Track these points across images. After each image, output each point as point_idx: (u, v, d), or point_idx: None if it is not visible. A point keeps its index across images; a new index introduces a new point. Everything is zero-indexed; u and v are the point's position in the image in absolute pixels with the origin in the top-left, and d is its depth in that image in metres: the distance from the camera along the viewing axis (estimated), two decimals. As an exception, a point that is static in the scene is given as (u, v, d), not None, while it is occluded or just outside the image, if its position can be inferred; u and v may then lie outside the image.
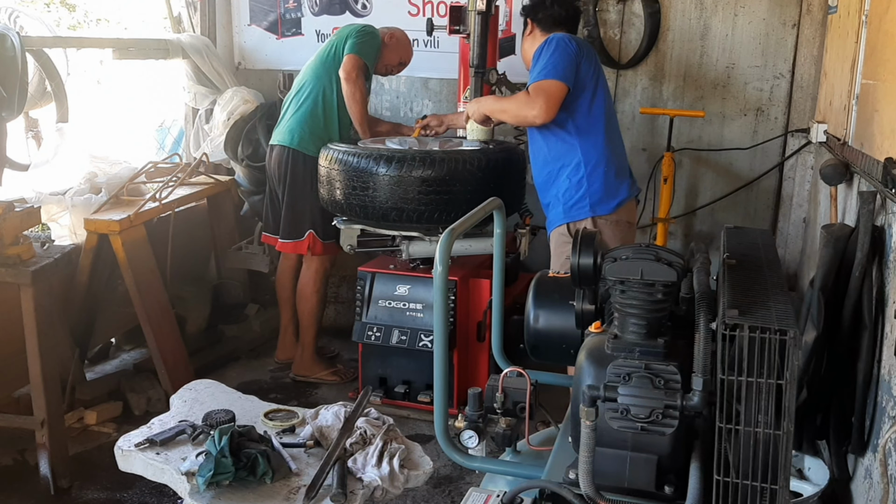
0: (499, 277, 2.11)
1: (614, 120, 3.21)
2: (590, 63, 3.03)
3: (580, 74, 2.98)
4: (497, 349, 2.13)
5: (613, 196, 3.04)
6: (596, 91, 3.04)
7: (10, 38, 3.20)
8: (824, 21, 3.90)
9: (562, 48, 2.94)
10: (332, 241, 3.87)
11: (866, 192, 2.45)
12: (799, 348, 1.28)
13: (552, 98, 2.89)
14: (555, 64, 2.91)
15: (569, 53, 2.94)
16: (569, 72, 2.92)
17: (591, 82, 3.03)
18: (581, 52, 3.00)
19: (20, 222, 2.91)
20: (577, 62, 2.96)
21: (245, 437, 2.00)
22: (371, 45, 3.83)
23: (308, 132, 3.80)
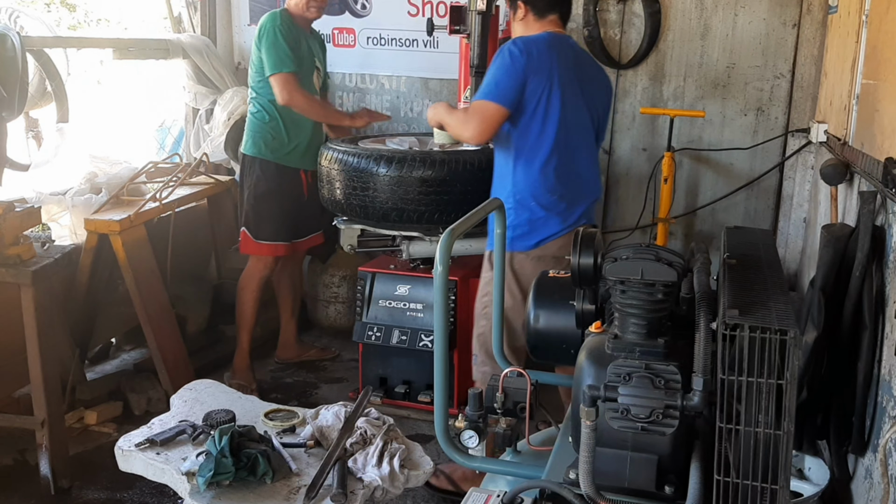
0: (499, 277, 2.11)
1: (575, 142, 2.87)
2: (544, 79, 2.74)
3: (525, 95, 2.73)
4: (497, 349, 2.13)
5: (538, 232, 2.83)
6: (548, 113, 2.76)
7: (10, 38, 3.20)
8: (824, 21, 3.90)
9: (507, 64, 2.72)
10: (268, 241, 3.82)
11: (867, 192, 2.45)
12: (799, 348, 1.28)
13: (486, 121, 2.73)
14: (496, 82, 2.72)
15: (514, 71, 2.71)
16: (509, 93, 2.70)
17: (541, 103, 2.75)
18: (532, 66, 2.72)
19: (20, 222, 2.91)
20: (521, 81, 2.71)
21: (245, 437, 2.00)
22: (276, 41, 3.63)
23: (251, 136, 3.79)
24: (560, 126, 2.78)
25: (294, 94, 3.64)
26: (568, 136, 2.83)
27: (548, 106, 2.76)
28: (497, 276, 2.12)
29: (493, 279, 2.15)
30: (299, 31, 3.74)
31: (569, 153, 2.84)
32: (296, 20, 3.73)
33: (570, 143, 2.83)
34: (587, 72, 2.94)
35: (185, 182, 3.98)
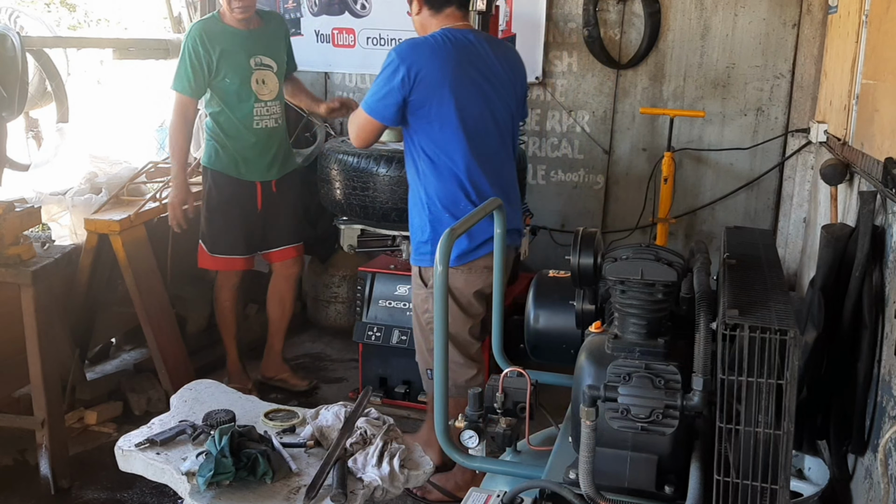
0: (499, 277, 2.11)
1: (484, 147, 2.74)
2: (429, 89, 2.61)
3: (409, 107, 2.64)
4: (497, 349, 2.13)
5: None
6: (444, 122, 2.65)
7: (10, 39, 3.20)
8: (824, 21, 3.90)
9: (384, 74, 2.63)
10: (222, 255, 3.63)
11: (866, 192, 2.45)
12: (799, 348, 1.28)
13: (362, 131, 2.72)
14: (373, 93, 2.66)
15: (390, 84, 2.60)
16: (381, 107, 2.63)
17: (432, 112, 2.64)
18: (411, 79, 2.59)
19: (20, 222, 2.91)
20: (400, 96, 2.61)
21: (245, 437, 2.00)
22: (182, 57, 3.43)
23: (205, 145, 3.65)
24: (463, 133, 2.68)
25: (173, 117, 3.48)
26: (474, 142, 2.71)
27: (441, 115, 2.65)
28: (497, 277, 2.12)
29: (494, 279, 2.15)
30: (226, 38, 3.46)
31: (480, 160, 2.72)
32: (227, 22, 3.50)
33: (478, 149, 2.72)
34: (490, 66, 2.76)
35: (185, 182, 3.97)
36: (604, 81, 4.31)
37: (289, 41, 3.77)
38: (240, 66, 3.49)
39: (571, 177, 4.44)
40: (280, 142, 3.68)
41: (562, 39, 4.32)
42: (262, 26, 3.61)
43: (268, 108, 3.60)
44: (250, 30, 3.55)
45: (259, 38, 3.58)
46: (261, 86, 3.54)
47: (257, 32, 3.58)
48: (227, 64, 3.45)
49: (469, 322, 2.83)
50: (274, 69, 3.60)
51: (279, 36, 3.70)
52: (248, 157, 3.56)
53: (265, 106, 3.58)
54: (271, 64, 3.59)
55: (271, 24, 3.69)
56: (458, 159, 2.69)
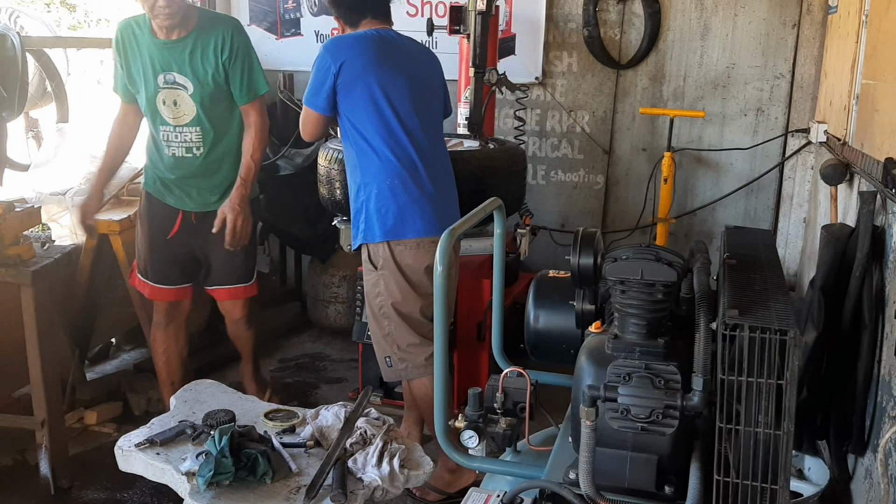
0: (499, 277, 2.11)
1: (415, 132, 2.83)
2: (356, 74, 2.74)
3: (339, 92, 2.76)
4: (497, 349, 2.13)
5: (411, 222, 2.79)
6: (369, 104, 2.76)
7: (10, 39, 3.20)
8: (824, 21, 3.90)
9: (315, 70, 2.78)
10: (147, 281, 3.20)
11: (866, 193, 2.45)
12: (799, 348, 1.28)
13: (307, 124, 2.85)
14: (310, 88, 2.81)
15: (320, 77, 2.76)
16: (319, 99, 2.77)
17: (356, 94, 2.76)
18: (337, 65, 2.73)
19: (20, 222, 2.91)
20: (331, 86, 2.75)
21: (245, 438, 2.00)
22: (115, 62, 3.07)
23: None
24: (390, 112, 2.78)
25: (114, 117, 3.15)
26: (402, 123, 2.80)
27: (366, 97, 2.77)
28: (498, 277, 2.12)
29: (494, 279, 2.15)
30: (141, 43, 2.97)
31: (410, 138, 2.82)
32: (152, 27, 2.96)
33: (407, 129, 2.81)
34: (412, 57, 2.92)
35: (185, 182, 3.97)
36: (604, 81, 4.31)
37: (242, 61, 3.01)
38: (146, 80, 2.98)
39: (571, 177, 4.44)
40: (200, 174, 3.08)
41: (562, 39, 4.32)
42: (187, 36, 2.94)
43: (179, 135, 3.02)
44: (170, 39, 2.94)
45: (178, 50, 2.94)
46: (169, 108, 2.99)
47: (178, 43, 2.94)
48: (136, 74, 3.01)
49: (420, 301, 2.84)
50: (189, 90, 2.97)
51: (214, 50, 2.96)
52: (165, 180, 3.10)
53: (174, 131, 3.02)
54: (184, 83, 2.96)
55: (209, 34, 2.97)
56: (385, 136, 2.79)
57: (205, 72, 2.97)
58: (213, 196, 3.11)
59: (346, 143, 2.88)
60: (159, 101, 2.98)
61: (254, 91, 3.06)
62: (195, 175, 3.08)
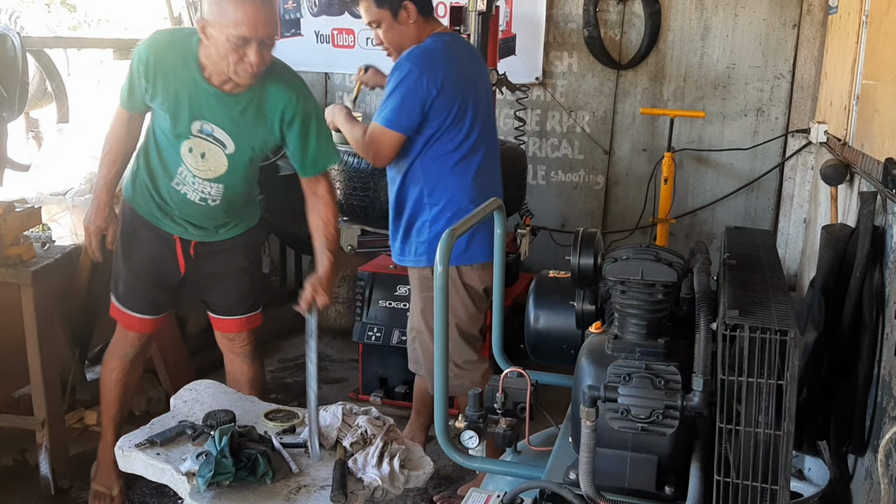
0: (499, 277, 2.10)
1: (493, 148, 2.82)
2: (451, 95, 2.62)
3: (430, 116, 2.63)
4: (497, 349, 2.13)
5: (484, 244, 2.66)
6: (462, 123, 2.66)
7: (10, 39, 3.20)
8: (825, 21, 3.90)
9: (411, 87, 2.57)
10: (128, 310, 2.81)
11: (867, 193, 2.45)
12: (799, 348, 1.28)
13: (384, 150, 2.67)
14: (397, 108, 2.60)
15: (416, 95, 2.58)
16: (407, 121, 2.61)
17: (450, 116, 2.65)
18: (435, 85, 2.57)
19: (21, 222, 2.91)
20: (426, 104, 2.60)
21: (245, 438, 2.00)
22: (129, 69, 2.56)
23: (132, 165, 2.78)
24: (479, 133, 2.72)
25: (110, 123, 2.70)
26: (484, 141, 2.75)
27: (461, 117, 2.67)
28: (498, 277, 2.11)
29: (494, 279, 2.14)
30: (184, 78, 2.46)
31: (487, 159, 2.78)
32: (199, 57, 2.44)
33: (486, 148, 2.77)
34: (479, 68, 2.87)
35: (185, 182, 3.97)
36: (604, 82, 4.31)
37: (312, 129, 2.55)
38: (176, 120, 2.50)
39: (571, 177, 4.44)
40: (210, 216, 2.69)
41: (562, 40, 4.32)
42: (245, 92, 2.48)
43: (198, 184, 2.60)
44: (224, 90, 2.47)
45: (230, 105, 2.49)
46: (195, 157, 2.55)
47: (232, 98, 2.48)
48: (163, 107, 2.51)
49: (480, 319, 2.85)
50: (227, 149, 2.54)
51: (272, 115, 2.52)
52: (166, 209, 2.69)
53: (194, 180, 2.60)
54: (224, 140, 2.53)
55: (273, 94, 2.51)
56: (472, 159, 2.73)
57: (256, 136, 2.55)
58: (219, 230, 2.75)
59: (417, 161, 2.72)
60: (184, 148, 2.54)
61: (326, 163, 2.62)
62: (204, 216, 2.69)
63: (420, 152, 2.71)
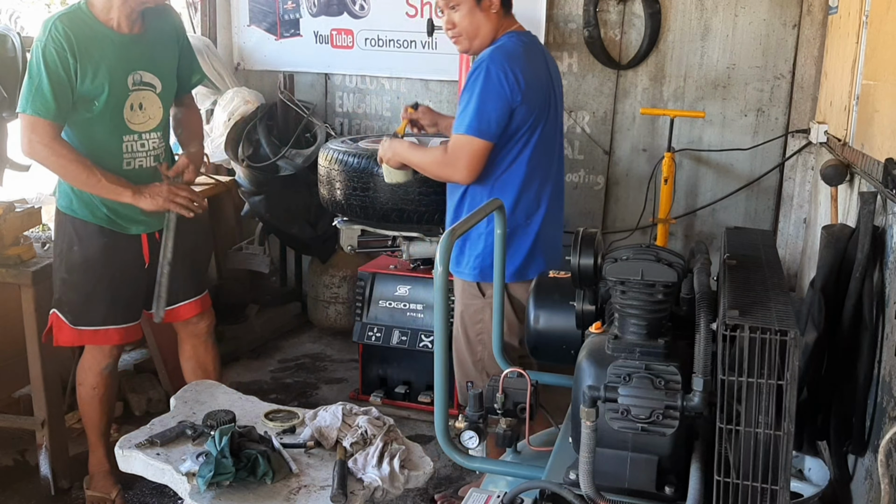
0: (499, 277, 2.10)
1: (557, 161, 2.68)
2: (535, 97, 2.50)
3: (512, 123, 2.49)
4: (497, 349, 2.13)
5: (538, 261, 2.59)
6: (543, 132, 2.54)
7: (10, 39, 3.20)
8: (825, 21, 3.90)
9: (494, 90, 2.42)
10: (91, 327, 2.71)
11: (867, 193, 2.45)
12: (799, 349, 1.28)
13: (473, 161, 2.47)
14: (480, 113, 2.43)
15: (502, 98, 2.43)
16: (498, 126, 2.46)
17: (524, 127, 2.52)
18: (518, 91, 2.44)
19: (21, 223, 2.92)
20: (510, 109, 2.46)
21: (245, 438, 2.00)
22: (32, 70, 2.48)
23: (60, 184, 2.70)
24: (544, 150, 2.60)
25: (36, 146, 2.50)
26: (559, 150, 2.68)
27: (531, 132, 2.55)
28: (498, 277, 2.11)
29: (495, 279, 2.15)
30: (99, 42, 2.51)
31: (558, 169, 2.70)
32: (100, 17, 2.52)
33: (558, 157, 2.70)
34: (555, 74, 2.73)
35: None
36: (604, 82, 4.31)
37: (187, 43, 2.80)
38: (112, 84, 2.53)
39: (572, 177, 4.43)
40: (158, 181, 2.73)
41: (562, 40, 4.32)
42: (145, 28, 2.62)
43: (142, 142, 2.66)
44: (133, 33, 2.57)
45: (142, 44, 2.60)
46: (135, 112, 2.62)
47: (142, 37, 2.60)
48: (97, 79, 2.51)
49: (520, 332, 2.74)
50: (157, 89, 2.66)
51: (169, 43, 2.71)
52: (118, 206, 2.64)
53: (138, 139, 2.65)
54: (153, 82, 2.65)
55: (159, 22, 2.68)
56: (549, 168, 2.62)
57: (169, 65, 2.72)
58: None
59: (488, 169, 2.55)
60: (127, 107, 2.58)
61: (199, 73, 2.92)
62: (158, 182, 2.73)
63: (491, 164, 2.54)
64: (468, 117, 2.46)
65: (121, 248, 2.70)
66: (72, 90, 2.49)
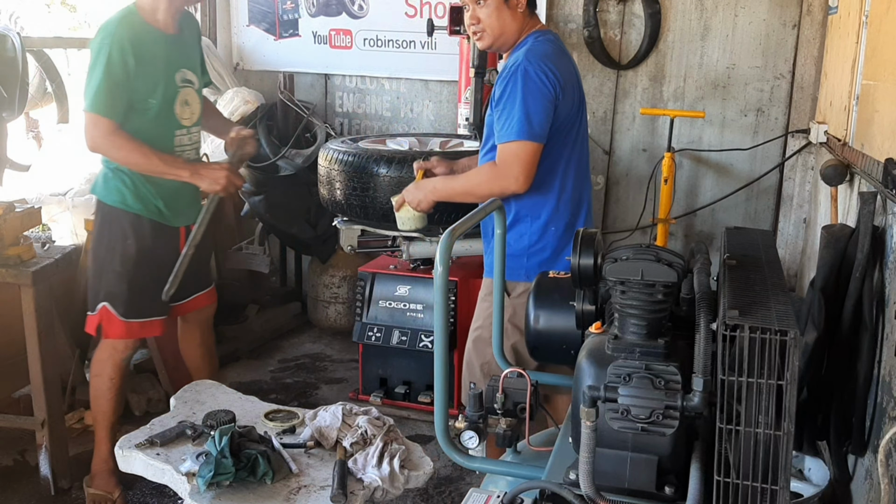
0: (499, 277, 2.10)
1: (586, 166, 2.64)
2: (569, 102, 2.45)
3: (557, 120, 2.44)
4: (497, 350, 2.13)
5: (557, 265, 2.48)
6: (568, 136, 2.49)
7: (10, 39, 3.20)
8: (824, 21, 3.90)
9: (537, 89, 2.36)
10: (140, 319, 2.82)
11: (867, 193, 2.45)
12: (799, 349, 1.28)
13: (529, 164, 2.39)
14: (527, 116, 2.36)
15: (545, 96, 2.37)
16: (545, 126, 2.40)
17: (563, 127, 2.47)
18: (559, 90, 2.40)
19: (21, 223, 2.91)
20: (554, 106, 2.40)
21: (245, 438, 2.00)
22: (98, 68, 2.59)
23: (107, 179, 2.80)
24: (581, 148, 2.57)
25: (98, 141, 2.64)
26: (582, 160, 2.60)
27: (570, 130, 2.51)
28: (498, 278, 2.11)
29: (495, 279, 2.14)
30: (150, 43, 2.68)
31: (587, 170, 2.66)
32: (148, 19, 2.70)
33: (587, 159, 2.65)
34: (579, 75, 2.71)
35: (185, 182, 3.97)
36: (604, 82, 4.31)
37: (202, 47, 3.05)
38: (166, 82, 2.73)
39: (571, 177, 4.44)
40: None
41: (562, 40, 4.32)
42: (180, 28, 2.81)
43: (189, 136, 2.87)
44: (173, 34, 2.76)
45: (181, 45, 2.81)
46: (184, 108, 2.81)
47: (180, 37, 2.80)
48: (151, 78, 2.68)
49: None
50: (195, 85, 2.88)
51: (196, 42, 2.95)
52: (169, 199, 2.81)
53: (186, 134, 2.85)
54: (193, 79, 2.86)
55: (187, 22, 2.88)
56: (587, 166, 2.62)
57: (199, 62, 2.95)
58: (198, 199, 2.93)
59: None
60: (178, 104, 2.77)
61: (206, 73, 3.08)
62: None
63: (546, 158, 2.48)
64: (515, 122, 2.38)
65: (164, 240, 2.85)
66: (131, 90, 2.64)
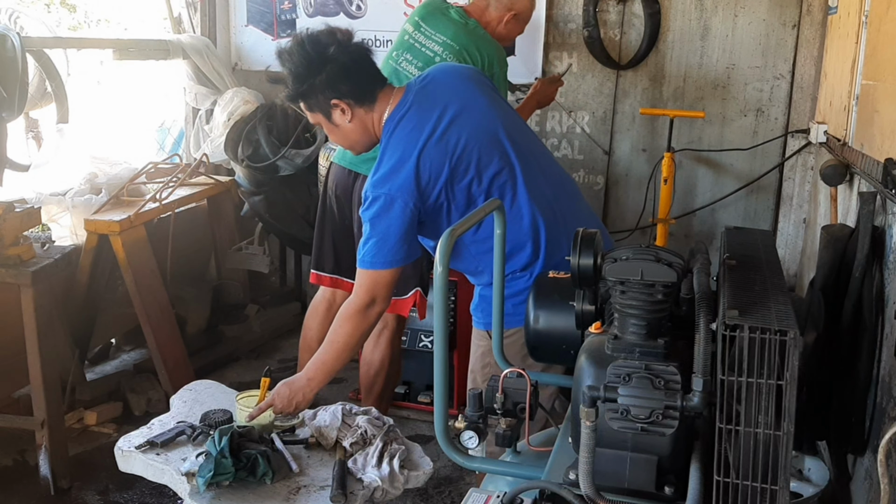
0: (499, 278, 2.10)
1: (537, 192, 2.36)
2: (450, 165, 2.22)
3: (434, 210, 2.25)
4: (497, 350, 2.12)
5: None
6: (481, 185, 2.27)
7: (10, 39, 3.20)
8: (824, 22, 3.90)
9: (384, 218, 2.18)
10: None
11: (866, 193, 2.45)
12: (799, 349, 1.28)
13: (385, 288, 2.25)
14: (378, 247, 2.20)
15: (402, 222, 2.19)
16: (400, 250, 2.21)
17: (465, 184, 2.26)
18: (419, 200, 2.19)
19: (20, 223, 2.92)
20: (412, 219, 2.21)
21: (245, 438, 2.00)
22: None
23: None
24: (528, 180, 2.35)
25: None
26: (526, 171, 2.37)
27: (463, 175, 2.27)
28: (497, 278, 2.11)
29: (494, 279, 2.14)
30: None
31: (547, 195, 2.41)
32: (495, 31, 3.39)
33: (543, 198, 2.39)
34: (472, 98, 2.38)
35: (184, 183, 3.98)
36: (604, 82, 4.31)
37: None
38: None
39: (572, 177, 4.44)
40: None
41: (562, 40, 4.32)
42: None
43: None
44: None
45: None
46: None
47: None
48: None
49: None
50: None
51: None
52: None
53: None
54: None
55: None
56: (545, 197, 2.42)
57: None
58: None
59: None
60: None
61: None
62: None
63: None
64: (365, 249, 2.23)
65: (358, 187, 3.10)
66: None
